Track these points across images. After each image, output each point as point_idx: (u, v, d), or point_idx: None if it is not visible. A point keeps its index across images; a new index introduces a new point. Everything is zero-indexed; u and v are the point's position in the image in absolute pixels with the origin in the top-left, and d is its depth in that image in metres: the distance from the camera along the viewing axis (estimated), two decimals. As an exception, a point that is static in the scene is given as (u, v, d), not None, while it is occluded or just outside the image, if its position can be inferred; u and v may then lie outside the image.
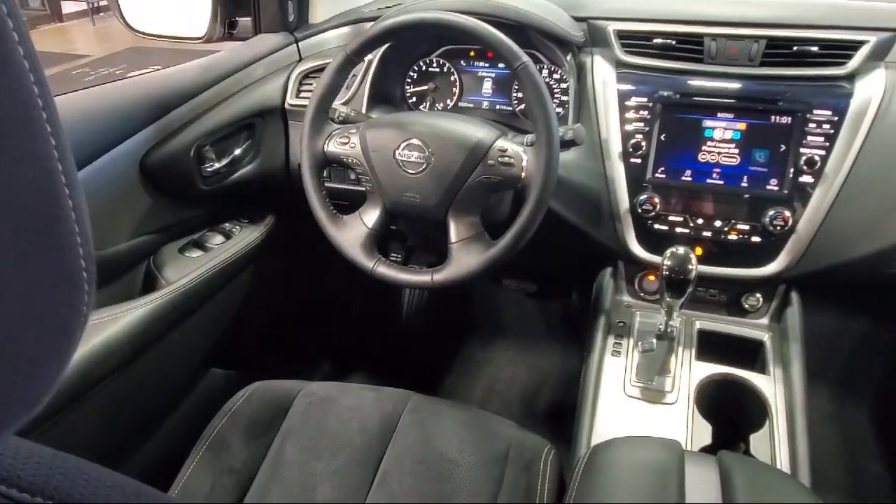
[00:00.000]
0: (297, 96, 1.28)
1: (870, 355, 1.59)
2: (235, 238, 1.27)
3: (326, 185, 1.24)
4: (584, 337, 1.21)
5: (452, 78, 1.31)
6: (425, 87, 1.33)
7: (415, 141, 1.01)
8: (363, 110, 1.24)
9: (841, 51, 1.04)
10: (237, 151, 1.25)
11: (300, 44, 1.34)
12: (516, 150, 0.99)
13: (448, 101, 1.32)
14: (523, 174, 0.98)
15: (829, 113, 1.02)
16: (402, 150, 1.01)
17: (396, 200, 1.04)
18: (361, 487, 0.93)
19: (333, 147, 1.06)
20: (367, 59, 1.23)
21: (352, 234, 1.07)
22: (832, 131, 1.02)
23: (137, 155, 1.08)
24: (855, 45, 1.03)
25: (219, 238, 1.26)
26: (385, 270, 1.05)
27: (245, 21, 1.35)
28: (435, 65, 1.32)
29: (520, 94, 1.26)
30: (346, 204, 1.14)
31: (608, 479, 0.75)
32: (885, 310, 1.58)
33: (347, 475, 0.93)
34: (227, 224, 1.31)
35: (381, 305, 1.85)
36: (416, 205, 1.03)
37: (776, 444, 0.96)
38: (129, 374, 1.02)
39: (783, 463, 0.94)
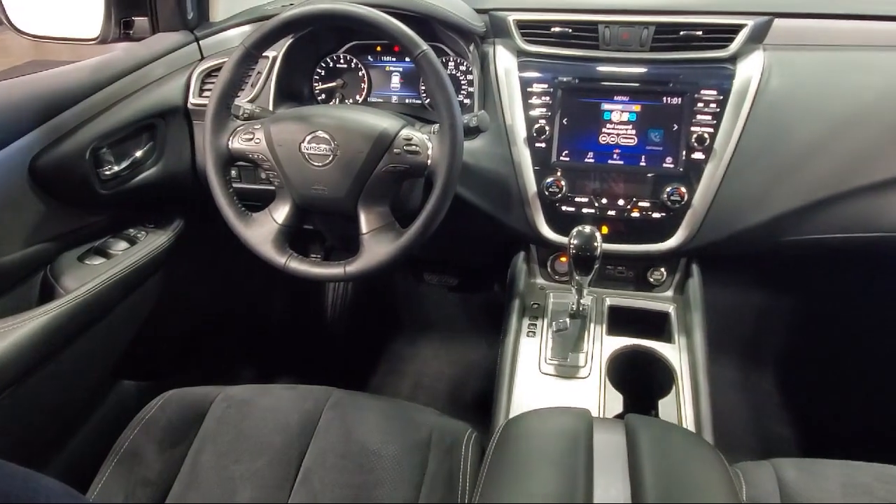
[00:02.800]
0: (200, 95, 1.25)
1: (771, 325, 1.69)
2: (140, 244, 1.22)
3: (237, 185, 1.21)
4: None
5: (360, 73, 1.31)
6: (333, 84, 1.32)
7: (320, 133, 1.00)
8: (270, 108, 1.22)
9: (723, 34, 1.10)
10: (138, 154, 1.21)
11: (201, 42, 1.30)
12: (421, 138, 1.00)
13: (357, 97, 1.32)
14: (429, 161, 0.99)
15: (715, 93, 1.09)
16: (308, 142, 1.00)
17: (305, 194, 1.03)
18: (283, 487, 0.91)
19: (238, 143, 1.04)
20: (271, 55, 1.22)
21: (261, 230, 1.05)
22: (718, 110, 1.08)
23: (26, 158, 1.02)
24: (735, 29, 1.10)
25: (122, 244, 1.20)
26: (297, 265, 1.04)
27: (142, 21, 1.30)
28: (342, 61, 1.31)
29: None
30: (259, 205, 1.12)
31: (521, 448, 0.77)
32: (781, 282, 1.69)
33: (268, 476, 0.92)
34: (131, 230, 1.26)
35: (304, 306, 1.82)
36: (325, 197, 1.03)
37: (682, 406, 1.01)
38: (28, 388, 0.96)
39: (689, 423, 0.98)
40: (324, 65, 1.32)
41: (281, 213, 1.05)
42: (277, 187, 1.06)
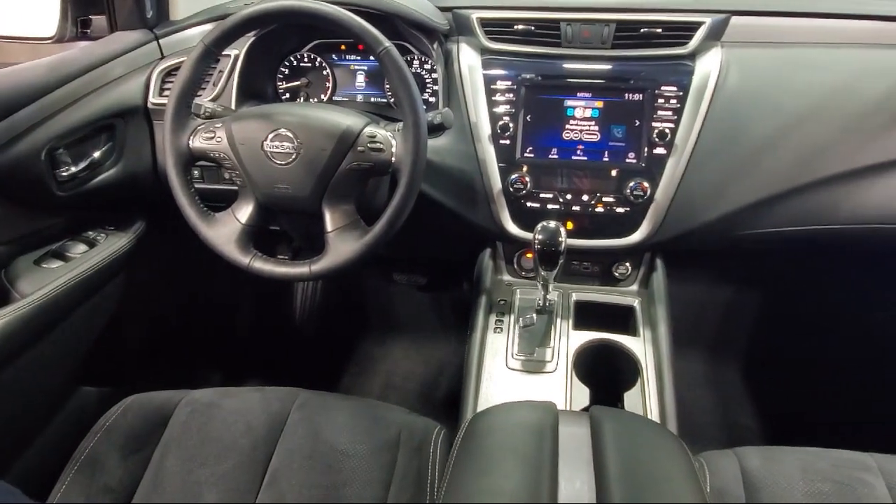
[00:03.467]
0: (160, 95, 1.22)
1: (736, 319, 1.72)
2: (100, 246, 1.19)
3: (200, 186, 1.20)
4: None
5: (325, 72, 1.30)
6: (298, 83, 1.31)
7: (283, 131, 0.99)
8: (232, 107, 1.20)
9: (682, 32, 1.12)
10: (96, 154, 1.18)
11: (161, 41, 1.28)
12: (385, 136, 1.00)
13: (322, 96, 1.31)
14: (393, 159, 0.99)
15: (675, 89, 1.11)
16: (271, 141, 0.99)
17: (268, 193, 1.02)
18: (250, 489, 0.90)
19: (199, 143, 1.02)
20: (232, 53, 1.20)
21: (224, 230, 1.04)
22: (678, 105, 1.10)
23: None
24: (693, 27, 1.12)
25: (81, 247, 1.18)
26: (261, 265, 1.02)
27: (100, 19, 1.27)
28: (306, 59, 1.31)
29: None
30: (223, 205, 1.10)
31: (486, 442, 0.77)
32: (745, 277, 1.73)
33: (234, 479, 0.91)
34: (90, 232, 1.23)
35: (272, 308, 1.80)
36: (289, 196, 1.02)
37: (647, 398, 1.02)
38: None
39: (654, 414, 1.00)
40: (287, 63, 1.31)
41: (244, 212, 1.04)
42: (240, 186, 1.05)
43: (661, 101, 1.11)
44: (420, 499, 0.90)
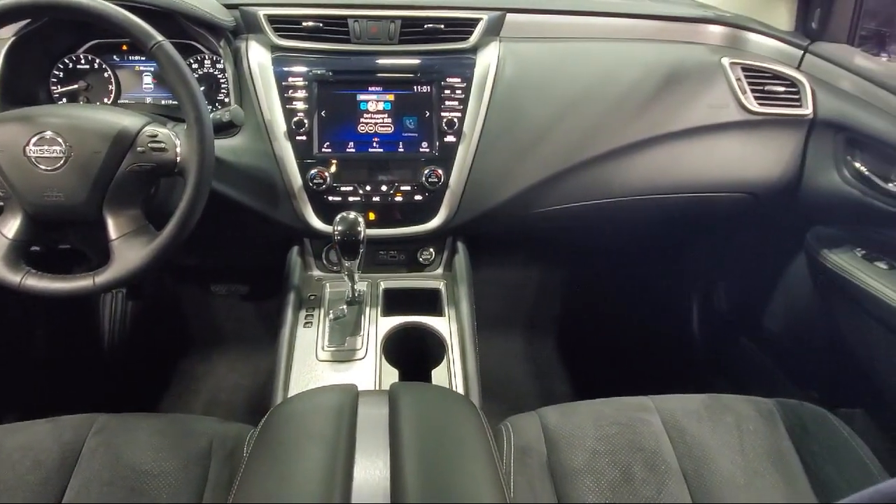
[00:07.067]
0: None
1: (549, 297, 1.86)
2: None
3: None
4: None
5: (106, 74, 1.22)
6: (75, 86, 1.22)
7: (48, 134, 0.92)
8: None
9: (463, 28, 1.19)
10: None
11: None
12: (167, 134, 0.96)
13: (105, 100, 1.23)
14: (178, 158, 0.95)
15: (459, 80, 1.17)
16: (34, 145, 0.92)
17: (37, 203, 0.94)
18: None
19: None
20: None
21: None
22: (463, 96, 1.17)
23: None
24: (472, 23, 1.20)
25: None
26: (35, 283, 0.94)
27: None
28: (84, 61, 1.22)
29: None
30: None
31: (283, 431, 0.77)
32: (554, 259, 1.88)
33: None
34: None
35: (74, 329, 1.65)
36: (63, 205, 0.94)
37: (452, 373, 1.08)
38: None
39: (458, 386, 1.05)
40: (62, 66, 1.21)
41: (10, 226, 0.95)
42: (3, 198, 0.96)
43: (447, 92, 1.17)
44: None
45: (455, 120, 1.17)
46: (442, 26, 1.19)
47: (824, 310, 1.34)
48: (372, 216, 1.19)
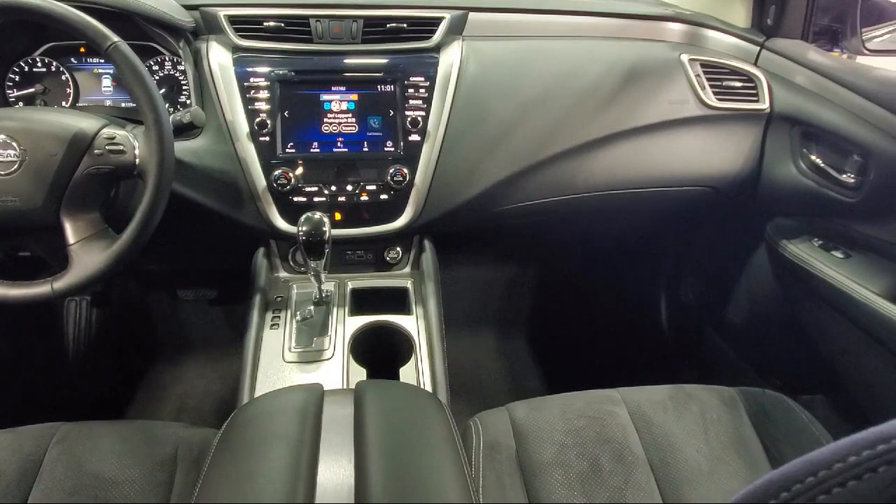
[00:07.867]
0: None
1: (520, 294, 1.88)
2: None
3: None
4: None
5: (64, 77, 1.20)
6: (32, 90, 1.19)
7: (1, 138, 0.90)
8: None
9: (425, 27, 1.20)
10: None
11: None
12: (125, 136, 0.95)
13: (63, 103, 1.21)
14: (137, 160, 0.94)
15: (423, 79, 1.18)
16: None
17: None
18: None
19: None
20: None
21: None
22: (427, 95, 1.18)
23: None
24: (435, 22, 1.20)
25: None
26: None
27: None
28: (40, 64, 1.20)
29: None
30: None
31: (247, 431, 0.77)
32: (524, 256, 1.89)
33: None
34: None
35: (37, 338, 1.61)
36: (18, 210, 0.92)
37: (420, 370, 1.08)
38: None
39: (426, 384, 1.05)
40: (17, 69, 1.19)
41: None
42: None
43: (411, 90, 1.17)
44: None
45: (419, 119, 1.17)
46: (404, 25, 1.19)
47: (785, 299, 1.37)
48: (338, 216, 1.19)
